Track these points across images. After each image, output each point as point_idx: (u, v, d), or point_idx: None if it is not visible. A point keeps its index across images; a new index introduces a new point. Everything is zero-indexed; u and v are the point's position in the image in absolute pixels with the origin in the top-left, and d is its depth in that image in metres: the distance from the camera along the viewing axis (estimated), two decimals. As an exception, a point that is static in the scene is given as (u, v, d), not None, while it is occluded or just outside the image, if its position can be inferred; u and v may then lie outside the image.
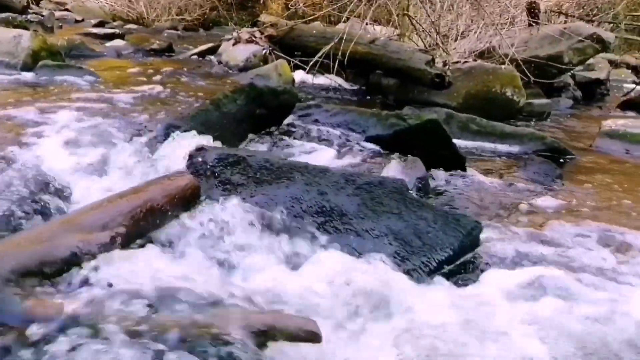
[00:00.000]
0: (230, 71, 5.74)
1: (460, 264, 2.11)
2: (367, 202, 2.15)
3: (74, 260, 1.58)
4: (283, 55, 5.49)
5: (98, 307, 1.36)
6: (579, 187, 3.21)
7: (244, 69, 5.63)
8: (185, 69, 5.51)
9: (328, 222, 2.07)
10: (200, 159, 2.22)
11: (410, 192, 2.37)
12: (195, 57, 6.51)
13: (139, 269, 1.58)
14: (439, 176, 3.01)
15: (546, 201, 2.90)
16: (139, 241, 1.78)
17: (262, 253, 1.85)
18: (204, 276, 1.64)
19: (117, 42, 6.93)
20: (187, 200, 1.98)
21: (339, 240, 2.02)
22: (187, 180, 2.03)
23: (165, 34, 8.47)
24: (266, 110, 3.10)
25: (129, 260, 1.62)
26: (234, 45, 6.11)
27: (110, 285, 1.51)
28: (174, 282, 1.53)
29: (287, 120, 3.27)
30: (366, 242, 2.03)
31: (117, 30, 8.02)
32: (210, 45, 6.70)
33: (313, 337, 1.46)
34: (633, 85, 6.66)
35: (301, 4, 7.07)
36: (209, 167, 2.19)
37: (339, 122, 3.28)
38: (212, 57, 6.37)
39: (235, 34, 6.32)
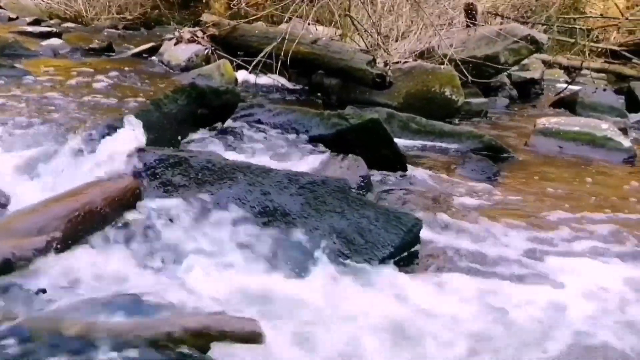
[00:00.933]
0: (171, 71, 5.65)
1: (401, 260, 2.16)
2: (310, 202, 2.17)
3: (7, 267, 1.53)
4: (225, 55, 5.44)
5: (32, 313, 1.33)
6: (515, 183, 3.33)
7: (185, 68, 5.55)
8: (125, 69, 5.39)
9: (271, 222, 2.08)
10: (140, 160, 2.19)
11: (353, 190, 2.41)
12: (136, 56, 6.37)
13: (76, 274, 1.55)
14: (381, 175, 3.07)
15: (484, 198, 2.99)
16: (77, 245, 1.75)
17: (204, 254, 1.85)
18: (144, 279, 1.63)
19: (54, 41, 6.69)
20: (128, 202, 1.95)
21: (283, 239, 2.03)
22: (128, 182, 2.01)
23: (105, 33, 8.24)
24: (208, 110, 3.08)
25: (66, 265, 1.59)
26: (175, 44, 6.01)
27: (43, 291, 1.47)
28: (113, 286, 1.51)
29: (229, 120, 3.25)
30: (310, 241, 2.05)
31: (53, 29, 7.74)
32: (151, 44, 6.56)
33: (256, 337, 1.47)
34: (565, 85, 6.93)
35: (243, 4, 7.02)
36: (149, 168, 2.16)
37: (281, 122, 3.29)
38: (153, 57, 6.25)
39: (177, 33, 6.21)
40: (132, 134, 2.50)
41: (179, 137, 2.90)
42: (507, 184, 3.30)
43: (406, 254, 2.19)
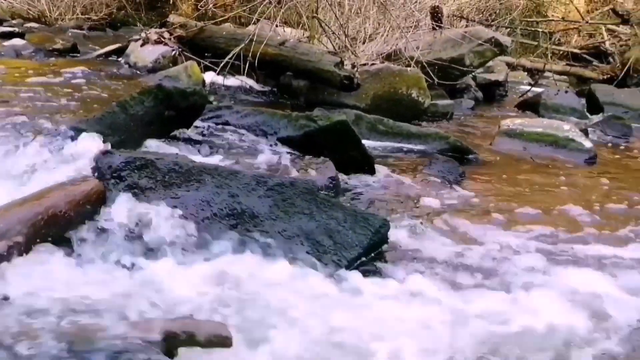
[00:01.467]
0: (138, 72, 5.59)
1: (369, 261, 2.17)
2: (278, 204, 2.17)
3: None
4: (193, 56, 5.40)
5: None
6: (481, 184, 3.39)
7: (152, 70, 5.49)
8: (90, 70, 5.31)
9: (239, 225, 2.07)
10: (106, 163, 2.16)
11: (321, 192, 2.41)
12: (101, 57, 6.28)
13: (39, 279, 1.52)
14: (349, 176, 3.09)
15: (450, 198, 3.03)
16: (40, 249, 1.72)
17: (170, 257, 1.83)
18: (109, 283, 1.61)
19: (16, 41, 6.56)
20: (93, 206, 1.93)
21: (251, 242, 2.03)
22: (92, 185, 1.98)
23: (70, 34, 8.10)
24: (175, 112, 3.05)
25: (29, 270, 1.56)
26: (142, 45, 5.94)
27: (6, 298, 1.44)
28: (77, 290, 1.49)
29: (197, 122, 3.23)
30: (278, 243, 2.06)
31: (16, 29, 7.59)
32: (117, 45, 6.48)
33: (224, 341, 1.46)
34: (528, 87, 7.06)
35: (211, 5, 6.98)
36: (115, 171, 2.13)
37: (249, 124, 3.28)
38: (119, 58, 6.17)
39: (143, 34, 6.14)
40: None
41: (146, 139, 2.87)
42: (472, 185, 3.35)
43: (374, 255, 2.21)
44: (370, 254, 2.20)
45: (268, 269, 1.94)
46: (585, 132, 4.71)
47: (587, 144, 4.33)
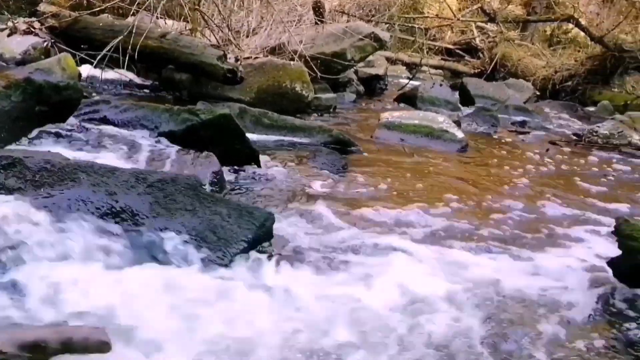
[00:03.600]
0: (5, 64, 5.22)
1: (254, 255, 2.18)
2: (159, 200, 2.13)
3: None
4: (67, 48, 5.13)
5: None
6: (362, 174, 3.51)
7: (21, 62, 5.15)
8: (-52, 62, 4.90)
9: (118, 223, 2.00)
10: (-33, 163, 2.01)
11: (205, 187, 2.39)
12: (-39, 48, 5.80)
13: None
14: (234, 170, 3.09)
15: (334, 190, 3.12)
16: None
17: (41, 261, 1.74)
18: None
19: None
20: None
21: (131, 241, 1.97)
22: (-49, 187, 1.84)
23: None
24: (47, 107, 2.89)
25: None
26: (9, 36, 5.56)
27: None
28: None
29: (72, 118, 3.08)
30: (160, 241, 2.01)
31: None
32: (-20, 35, 6.01)
33: (102, 346, 1.41)
34: (407, 81, 7.40)
35: (86, -6, 6.64)
36: (-22, 171, 1.99)
37: (129, 119, 3.18)
38: (-18, 49, 5.73)
39: (10, 23, 5.74)
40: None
41: (13, 137, 2.70)
42: (355, 175, 3.46)
43: (259, 249, 2.22)
44: (256, 247, 2.21)
45: (147, 268, 1.90)
46: (458, 124, 5.02)
47: (460, 134, 4.62)
